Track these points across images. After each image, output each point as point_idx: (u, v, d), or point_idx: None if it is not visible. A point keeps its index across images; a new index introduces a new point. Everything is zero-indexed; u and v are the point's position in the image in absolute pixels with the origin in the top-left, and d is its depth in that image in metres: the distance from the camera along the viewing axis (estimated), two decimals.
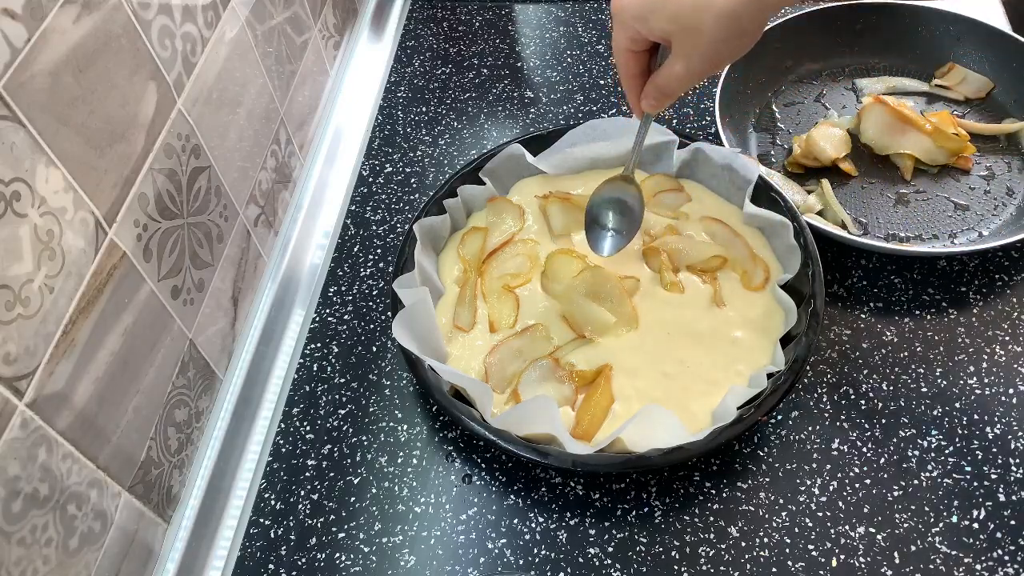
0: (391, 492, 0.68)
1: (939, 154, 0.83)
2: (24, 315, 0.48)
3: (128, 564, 0.60)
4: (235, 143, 0.74)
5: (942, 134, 0.82)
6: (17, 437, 0.48)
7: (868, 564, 0.61)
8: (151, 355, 0.62)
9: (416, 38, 1.06)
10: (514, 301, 0.74)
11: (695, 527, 0.64)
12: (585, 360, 0.69)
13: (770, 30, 0.92)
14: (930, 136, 0.83)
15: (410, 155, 0.93)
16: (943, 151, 0.83)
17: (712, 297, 0.73)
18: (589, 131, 0.82)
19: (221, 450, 0.71)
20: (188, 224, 0.67)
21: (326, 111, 0.97)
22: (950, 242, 0.79)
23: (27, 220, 0.48)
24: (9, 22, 0.46)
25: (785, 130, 0.90)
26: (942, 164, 0.84)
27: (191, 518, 0.67)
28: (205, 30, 0.68)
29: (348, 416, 0.72)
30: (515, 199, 0.81)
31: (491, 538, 0.65)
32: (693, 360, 0.69)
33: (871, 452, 0.67)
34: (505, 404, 0.68)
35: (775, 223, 0.75)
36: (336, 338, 0.78)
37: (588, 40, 1.03)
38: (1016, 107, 0.89)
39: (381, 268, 0.83)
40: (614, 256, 0.74)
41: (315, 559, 0.65)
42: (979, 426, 0.68)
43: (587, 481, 0.67)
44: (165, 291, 0.63)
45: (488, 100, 0.98)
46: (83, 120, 0.53)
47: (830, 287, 0.77)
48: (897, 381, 0.71)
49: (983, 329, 0.74)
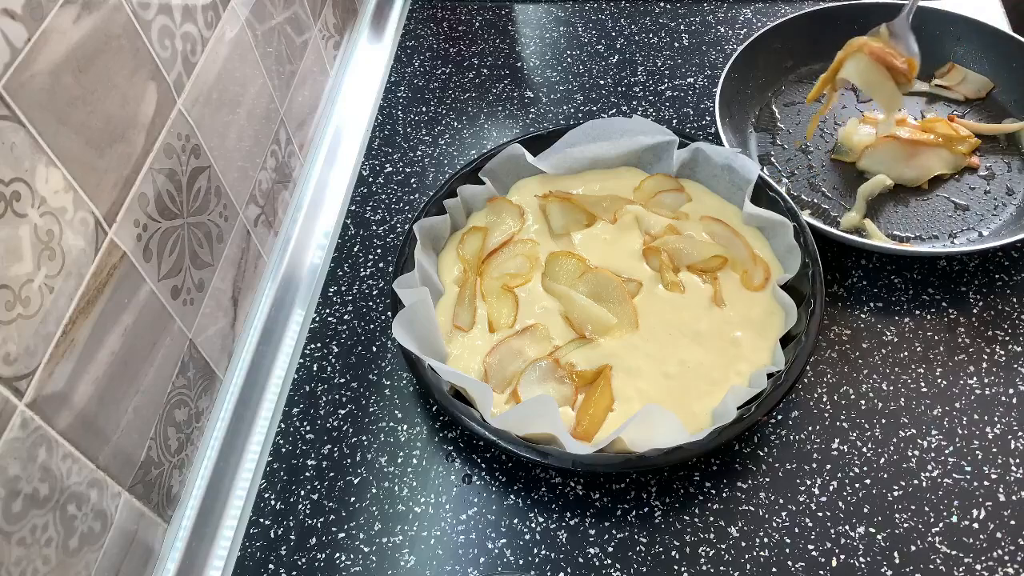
0: (391, 492, 0.68)
1: (959, 159, 0.83)
2: (24, 315, 0.48)
3: (128, 564, 0.60)
4: (235, 143, 0.74)
5: (953, 139, 0.82)
6: (17, 437, 0.48)
7: (868, 564, 0.61)
8: (151, 355, 0.62)
9: (416, 38, 1.06)
10: (513, 301, 0.74)
11: (695, 527, 0.64)
12: (585, 360, 0.69)
13: (770, 30, 0.92)
14: (943, 146, 0.82)
15: (410, 155, 0.93)
16: (960, 155, 0.83)
17: (712, 297, 0.73)
18: (589, 131, 0.82)
19: (221, 450, 0.71)
20: (188, 224, 0.67)
21: (326, 111, 0.97)
22: (950, 242, 0.79)
23: (27, 220, 0.48)
24: (9, 22, 0.46)
25: (785, 130, 0.90)
26: (963, 168, 0.84)
27: (191, 518, 0.67)
28: (205, 30, 0.68)
29: (348, 416, 0.72)
30: (515, 199, 0.81)
31: (491, 538, 0.65)
32: (693, 360, 0.69)
33: (871, 452, 0.67)
34: (505, 404, 0.68)
35: (775, 223, 0.75)
36: (336, 338, 0.78)
37: (588, 40, 1.03)
38: (1016, 107, 0.89)
39: (381, 268, 0.83)
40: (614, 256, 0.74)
41: (315, 559, 0.65)
42: (979, 426, 0.68)
43: (587, 481, 0.67)
44: (165, 291, 0.63)
45: (488, 100, 0.98)
46: (83, 120, 0.53)
47: (830, 287, 0.77)
48: (897, 381, 0.71)
49: (983, 329, 0.74)
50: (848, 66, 0.79)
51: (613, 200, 0.80)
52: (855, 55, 0.79)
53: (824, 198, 0.84)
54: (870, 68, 0.78)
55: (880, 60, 0.76)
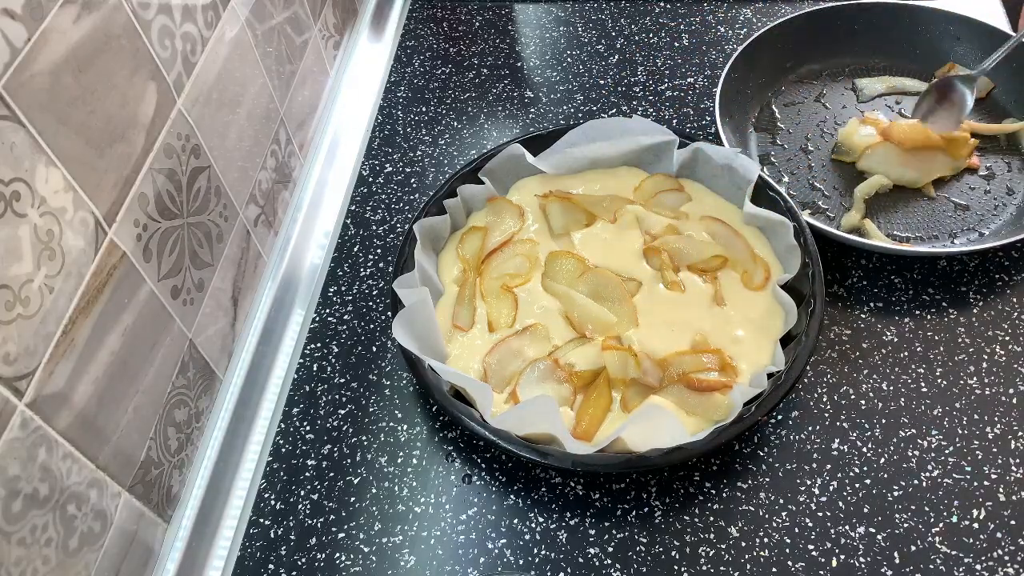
0: (391, 492, 0.68)
1: (959, 162, 0.83)
2: (24, 315, 0.48)
3: (128, 564, 0.60)
4: (235, 143, 0.74)
5: (955, 142, 0.82)
6: (17, 437, 0.48)
7: (868, 564, 0.61)
8: (151, 355, 0.62)
9: (416, 38, 1.06)
10: (512, 301, 0.74)
11: (695, 527, 0.64)
12: (585, 360, 0.69)
13: (770, 30, 0.92)
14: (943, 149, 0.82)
15: (410, 155, 0.93)
16: (960, 158, 0.83)
17: (713, 297, 0.73)
18: (589, 131, 0.82)
19: (221, 450, 0.71)
20: (188, 224, 0.67)
21: (326, 111, 0.97)
22: (950, 242, 0.79)
23: (27, 220, 0.48)
24: (9, 22, 0.46)
25: (785, 130, 0.90)
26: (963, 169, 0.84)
27: (191, 518, 0.67)
28: (205, 30, 0.68)
29: (348, 416, 0.72)
30: (515, 199, 0.81)
31: (491, 538, 0.65)
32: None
33: (871, 452, 0.67)
34: (504, 404, 0.68)
35: (775, 223, 0.75)
36: (336, 338, 0.78)
37: (588, 40, 1.03)
38: (1016, 107, 0.89)
39: (381, 268, 0.83)
40: (614, 256, 0.74)
41: (315, 559, 0.65)
42: (979, 426, 0.68)
43: (587, 481, 0.67)
44: (165, 291, 0.63)
45: (488, 100, 0.98)
46: (83, 120, 0.53)
47: (830, 287, 0.77)
48: (897, 381, 0.71)
49: (983, 329, 0.74)
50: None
51: (613, 200, 0.80)
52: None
53: (824, 198, 0.84)
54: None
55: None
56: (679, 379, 0.67)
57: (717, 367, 0.67)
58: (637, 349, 0.68)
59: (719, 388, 0.66)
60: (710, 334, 0.71)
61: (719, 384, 0.66)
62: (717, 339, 0.70)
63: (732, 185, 0.79)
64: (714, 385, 0.66)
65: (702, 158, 0.80)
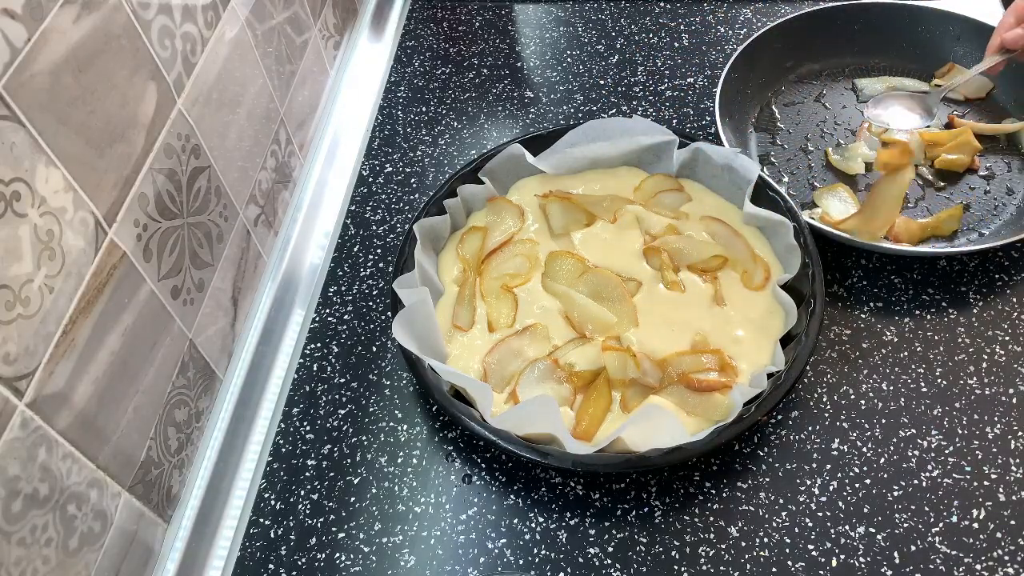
0: (391, 492, 0.68)
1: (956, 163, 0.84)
2: (24, 315, 0.48)
3: (128, 564, 0.60)
4: (235, 143, 0.74)
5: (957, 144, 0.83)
6: (17, 437, 0.48)
7: (868, 564, 0.61)
8: (151, 355, 0.62)
9: (416, 38, 1.06)
10: (512, 301, 0.74)
11: (695, 527, 0.64)
12: (585, 360, 0.69)
13: (770, 30, 0.92)
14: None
15: (410, 155, 0.93)
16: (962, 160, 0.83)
17: (713, 296, 0.73)
18: (589, 131, 0.82)
19: (221, 450, 0.71)
20: (188, 224, 0.67)
21: (326, 111, 0.97)
22: (950, 242, 0.79)
23: (27, 220, 0.48)
24: (9, 22, 0.46)
25: (785, 130, 0.90)
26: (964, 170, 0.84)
27: (191, 518, 0.67)
28: (205, 30, 0.68)
29: (348, 416, 0.72)
30: (515, 199, 0.81)
31: (491, 538, 0.65)
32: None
33: (871, 452, 0.67)
34: (504, 404, 0.68)
35: (775, 223, 0.75)
36: (336, 338, 0.78)
37: (588, 40, 1.03)
38: (1016, 107, 0.89)
39: (381, 268, 0.83)
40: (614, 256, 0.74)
41: (315, 559, 0.65)
42: (979, 426, 0.68)
43: (587, 481, 0.67)
44: (165, 291, 0.63)
45: (488, 100, 0.98)
46: (83, 120, 0.53)
47: (830, 287, 0.77)
48: (897, 381, 0.71)
49: (983, 329, 0.74)
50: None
51: (613, 200, 0.80)
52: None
53: None
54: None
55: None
56: (679, 379, 0.67)
57: (717, 367, 0.67)
58: (637, 349, 0.68)
59: (719, 388, 0.66)
60: (710, 334, 0.71)
61: (719, 384, 0.66)
62: (717, 339, 0.70)
63: (732, 185, 0.79)
64: (714, 385, 0.66)
65: (702, 158, 0.80)
